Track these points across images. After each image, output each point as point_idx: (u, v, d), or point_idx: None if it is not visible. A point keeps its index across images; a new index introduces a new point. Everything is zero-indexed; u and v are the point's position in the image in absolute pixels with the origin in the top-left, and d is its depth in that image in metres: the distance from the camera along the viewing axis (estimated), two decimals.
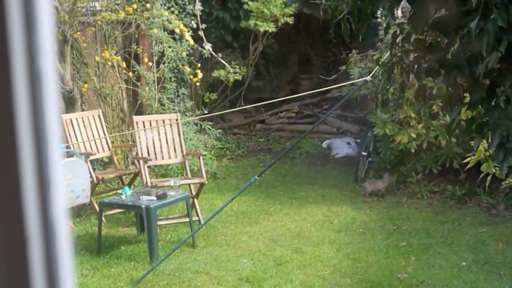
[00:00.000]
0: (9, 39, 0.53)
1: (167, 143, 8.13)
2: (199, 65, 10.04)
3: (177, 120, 8.26)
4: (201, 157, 8.09)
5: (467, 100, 3.51)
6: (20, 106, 0.54)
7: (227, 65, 10.63)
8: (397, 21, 3.80)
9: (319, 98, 13.27)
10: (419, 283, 5.96)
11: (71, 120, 8.11)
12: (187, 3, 10.49)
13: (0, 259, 0.55)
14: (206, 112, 10.75)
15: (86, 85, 9.06)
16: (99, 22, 9.01)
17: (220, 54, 10.41)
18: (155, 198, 6.78)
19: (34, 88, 0.54)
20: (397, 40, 3.65)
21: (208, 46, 9.91)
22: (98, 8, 8.91)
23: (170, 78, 10.17)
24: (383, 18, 3.87)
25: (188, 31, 9.45)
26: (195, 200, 7.77)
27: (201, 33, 9.90)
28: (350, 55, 9.98)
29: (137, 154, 8.04)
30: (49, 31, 0.55)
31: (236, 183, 9.67)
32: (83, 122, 8.27)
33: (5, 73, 0.53)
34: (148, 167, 8.03)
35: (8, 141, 0.54)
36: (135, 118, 8.22)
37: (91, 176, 7.61)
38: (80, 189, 6.59)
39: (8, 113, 0.53)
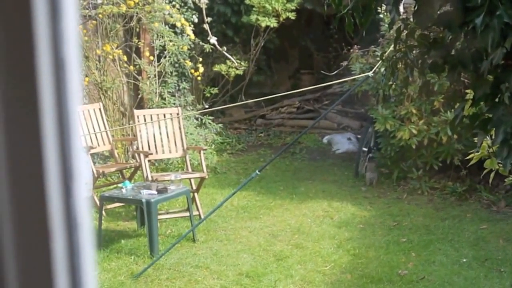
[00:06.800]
0: (34, 26, 0.52)
1: (167, 137, 8.13)
2: (200, 59, 10.04)
3: (178, 114, 8.25)
4: (201, 152, 8.08)
5: (469, 96, 3.50)
6: (45, 96, 0.53)
7: (231, 58, 10.61)
8: (401, 16, 3.79)
9: (320, 94, 13.26)
10: (420, 280, 5.96)
11: None
12: None
13: (23, 251, 0.55)
14: (207, 106, 10.75)
15: (87, 79, 9.05)
16: (100, 16, 9.00)
17: (225, 48, 10.40)
18: (155, 192, 6.78)
19: (58, 77, 0.54)
20: (401, 36, 3.64)
21: (213, 40, 9.90)
22: (100, 1, 8.90)
23: (171, 72, 10.16)
24: (387, 13, 3.87)
25: (190, 25, 9.44)
26: (196, 194, 7.77)
27: (206, 26, 9.88)
28: (351, 50, 9.96)
29: (137, 148, 8.03)
30: (74, 19, 0.54)
31: (236, 178, 9.67)
32: (84, 115, 8.25)
33: (29, 61, 0.52)
34: (149, 161, 8.03)
35: (32, 131, 0.53)
36: (136, 112, 8.21)
37: (91, 170, 7.60)
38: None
39: (32, 102, 0.53)
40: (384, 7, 7.44)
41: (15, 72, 0.53)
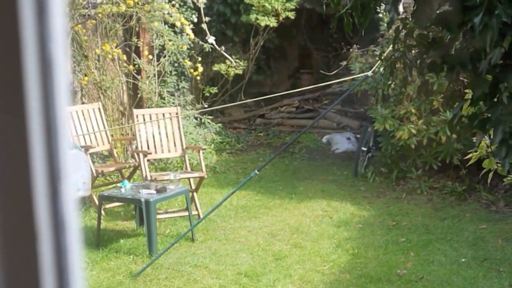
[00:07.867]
0: (20, 24, 0.51)
1: (167, 136, 8.12)
2: (200, 59, 10.04)
3: (177, 113, 8.24)
4: (200, 151, 8.07)
5: (468, 96, 3.49)
6: (31, 96, 0.52)
7: (230, 58, 10.61)
8: (400, 16, 3.79)
9: (319, 93, 13.27)
10: (418, 279, 5.96)
11: (71, 113, 8.10)
12: None
13: (10, 252, 0.54)
14: (206, 106, 10.74)
15: (86, 78, 9.04)
16: (99, 15, 8.99)
17: (223, 47, 10.40)
18: (154, 192, 6.77)
19: (45, 76, 0.53)
20: (400, 35, 3.64)
21: (211, 40, 9.90)
22: (99, 0, 8.88)
23: (171, 71, 10.15)
24: (386, 13, 3.86)
25: (189, 25, 9.43)
26: (195, 194, 7.77)
27: (204, 26, 9.88)
28: (351, 50, 9.96)
29: (136, 147, 8.03)
30: (61, 17, 0.54)
31: (235, 178, 9.66)
32: (83, 115, 8.25)
33: (15, 60, 0.52)
34: (148, 160, 8.02)
35: (19, 131, 0.52)
36: (135, 111, 8.20)
37: (90, 169, 7.60)
38: (80, 182, 6.58)
39: (18, 102, 0.52)
40: (383, 6, 7.43)
41: (1, 71, 0.52)
